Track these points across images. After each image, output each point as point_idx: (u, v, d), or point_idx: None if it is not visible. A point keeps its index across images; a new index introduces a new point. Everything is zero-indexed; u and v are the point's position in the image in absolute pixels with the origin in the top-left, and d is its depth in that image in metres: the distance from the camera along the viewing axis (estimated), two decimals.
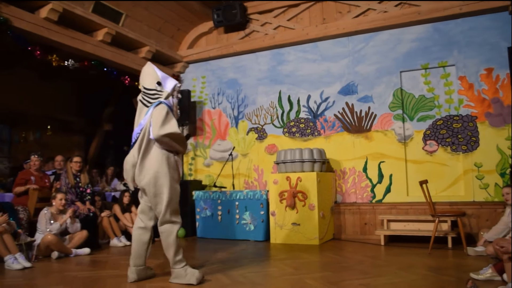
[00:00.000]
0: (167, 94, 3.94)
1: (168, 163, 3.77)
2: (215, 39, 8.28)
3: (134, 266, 3.92)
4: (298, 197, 6.18)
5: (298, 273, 4.18)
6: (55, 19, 5.84)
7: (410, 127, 6.60)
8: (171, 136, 3.71)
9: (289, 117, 7.48)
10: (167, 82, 4.02)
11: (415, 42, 6.64)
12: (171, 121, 3.75)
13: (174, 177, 3.82)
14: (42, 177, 6.14)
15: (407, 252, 5.31)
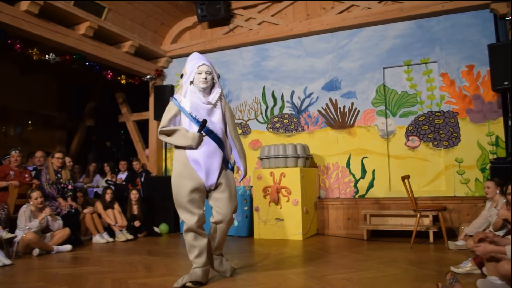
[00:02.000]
0: (188, 82, 3.65)
1: (178, 159, 3.67)
2: (199, 34, 8.22)
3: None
4: (281, 192, 6.20)
5: (281, 268, 4.19)
6: (36, 12, 5.74)
7: (393, 123, 6.67)
8: (162, 133, 3.64)
9: (273, 113, 7.48)
10: (187, 68, 3.71)
11: (398, 38, 6.69)
12: (163, 118, 3.67)
13: (182, 173, 3.58)
14: (21, 172, 6.03)
15: (389, 246, 5.37)
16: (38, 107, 9.44)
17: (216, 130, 3.60)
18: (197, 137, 3.51)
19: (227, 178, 3.67)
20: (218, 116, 3.67)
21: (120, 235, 6.41)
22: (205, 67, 3.59)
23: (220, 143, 3.62)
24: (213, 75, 3.65)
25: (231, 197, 3.66)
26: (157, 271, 4.16)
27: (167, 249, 5.73)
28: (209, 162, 3.56)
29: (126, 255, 5.22)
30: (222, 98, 3.75)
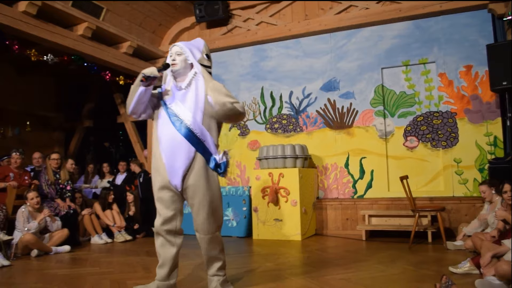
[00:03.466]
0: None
1: (153, 147, 3.35)
2: (197, 35, 8.20)
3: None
4: (280, 193, 6.20)
5: (279, 269, 4.19)
6: (34, 12, 5.72)
7: (391, 123, 6.67)
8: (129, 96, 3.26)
9: (272, 113, 7.48)
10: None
11: (396, 39, 6.70)
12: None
13: (154, 165, 3.20)
14: (21, 174, 6.03)
15: (388, 247, 5.37)
16: (36, 108, 9.43)
17: (185, 118, 3.04)
18: (149, 72, 3.01)
19: (199, 181, 3.05)
20: (192, 102, 3.09)
21: (118, 236, 6.41)
22: (175, 48, 3.19)
23: (190, 135, 3.02)
24: (186, 56, 3.16)
25: (201, 206, 3.08)
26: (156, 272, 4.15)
27: None
28: (172, 157, 3.03)
29: (125, 255, 5.21)
30: (199, 79, 3.15)
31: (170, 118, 3.08)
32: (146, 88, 3.06)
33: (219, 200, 3.21)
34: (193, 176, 3.04)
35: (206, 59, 3.25)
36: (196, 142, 3.04)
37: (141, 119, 3.30)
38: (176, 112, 3.08)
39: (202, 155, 3.06)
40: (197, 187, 3.06)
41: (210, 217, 3.11)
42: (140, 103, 3.13)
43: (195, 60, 3.18)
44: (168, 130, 3.06)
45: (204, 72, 3.17)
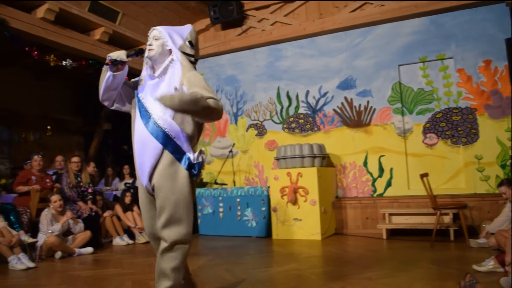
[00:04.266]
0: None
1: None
2: (212, 36, 8.25)
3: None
4: (299, 192, 6.19)
5: (300, 268, 4.19)
6: (52, 19, 5.83)
7: (410, 120, 6.61)
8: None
9: (288, 113, 7.47)
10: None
11: (412, 35, 6.63)
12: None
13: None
14: (43, 177, 6.14)
15: (409, 245, 5.32)
16: (55, 112, 9.58)
17: (154, 112, 2.71)
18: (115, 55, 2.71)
19: (163, 181, 2.68)
20: (166, 92, 2.70)
21: (140, 237, 6.47)
22: (153, 32, 2.83)
23: (157, 131, 2.68)
24: (164, 41, 2.78)
25: (161, 209, 2.67)
26: None
27: None
28: (141, 155, 2.74)
29: (146, 256, 5.26)
30: (176, 67, 2.76)
31: (140, 112, 2.77)
32: (113, 73, 2.71)
33: (187, 207, 2.71)
34: (156, 175, 2.70)
35: (188, 46, 2.85)
36: (163, 139, 2.67)
37: (115, 109, 2.95)
38: (145, 104, 2.76)
39: (171, 153, 2.69)
40: (160, 188, 2.68)
41: (170, 223, 2.66)
42: (110, 90, 2.80)
43: (175, 46, 2.79)
44: (138, 125, 2.77)
45: (184, 60, 2.78)
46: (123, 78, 2.81)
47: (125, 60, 2.70)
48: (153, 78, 2.80)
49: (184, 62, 2.78)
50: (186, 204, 2.70)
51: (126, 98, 2.93)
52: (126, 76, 2.83)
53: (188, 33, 2.89)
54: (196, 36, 2.93)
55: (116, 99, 2.89)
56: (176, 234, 2.67)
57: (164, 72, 2.78)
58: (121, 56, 2.69)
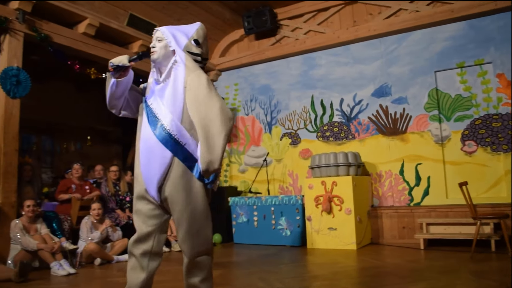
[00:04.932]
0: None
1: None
2: (247, 46, 8.36)
3: None
4: (334, 201, 6.15)
5: (336, 278, 4.15)
6: (92, 33, 6.07)
7: (447, 127, 6.46)
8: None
9: (323, 121, 7.45)
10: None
11: (449, 40, 6.51)
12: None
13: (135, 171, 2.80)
14: (82, 185, 6.36)
15: (448, 256, 5.18)
16: (95, 123, 9.90)
17: (163, 118, 2.55)
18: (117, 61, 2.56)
19: (176, 192, 2.51)
20: (170, 98, 2.56)
21: (175, 245, 6.57)
22: (156, 33, 2.69)
23: (166, 138, 2.51)
24: (167, 42, 2.63)
25: (179, 222, 2.52)
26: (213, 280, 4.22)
27: (221, 258, 5.81)
28: (147, 163, 2.57)
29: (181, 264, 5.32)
30: (179, 69, 2.59)
31: (148, 118, 2.61)
32: (117, 80, 2.58)
33: (204, 217, 2.58)
34: (169, 186, 2.52)
35: (194, 46, 2.67)
36: (173, 146, 2.50)
37: (123, 116, 2.84)
38: (154, 110, 2.60)
39: (182, 161, 2.51)
40: (174, 200, 2.52)
41: (190, 237, 2.53)
42: (115, 97, 2.68)
43: (178, 46, 2.62)
44: (145, 131, 2.61)
45: (188, 60, 2.60)
46: (128, 83, 2.68)
47: (127, 65, 2.56)
48: (158, 82, 2.66)
49: (188, 63, 2.59)
50: (203, 216, 2.56)
51: (134, 105, 2.80)
52: (131, 81, 2.70)
53: (194, 31, 2.72)
54: (204, 34, 2.76)
55: (123, 106, 2.77)
56: (199, 247, 2.55)
57: (168, 75, 2.62)
58: (123, 61, 2.55)
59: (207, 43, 2.78)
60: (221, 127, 2.41)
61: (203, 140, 2.40)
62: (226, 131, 2.42)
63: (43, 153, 9.49)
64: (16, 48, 5.26)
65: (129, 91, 2.73)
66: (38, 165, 9.12)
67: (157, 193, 2.54)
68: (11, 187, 5.08)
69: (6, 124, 5.08)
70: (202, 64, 2.70)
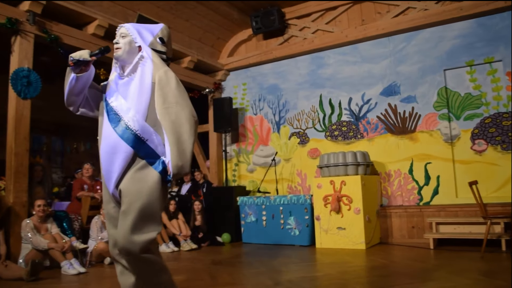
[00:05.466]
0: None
1: None
2: (255, 46, 8.37)
3: None
4: (342, 201, 6.14)
5: (345, 278, 4.15)
6: (102, 34, 6.10)
7: (457, 126, 6.42)
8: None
9: (331, 121, 7.44)
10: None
11: (458, 39, 6.46)
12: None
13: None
14: (93, 185, 6.40)
15: (458, 255, 5.15)
16: None
17: (124, 114, 2.48)
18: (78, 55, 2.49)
19: (132, 183, 2.41)
20: (135, 93, 2.50)
21: (184, 245, 6.61)
22: (120, 29, 2.62)
23: (128, 134, 2.45)
24: (132, 38, 2.58)
25: (128, 211, 2.36)
26: (222, 280, 4.25)
27: (230, 258, 5.83)
28: (109, 162, 2.49)
29: (191, 263, 5.37)
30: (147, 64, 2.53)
31: (108, 116, 2.54)
32: (77, 75, 2.49)
33: (153, 216, 2.41)
34: (126, 179, 2.44)
35: (159, 43, 2.65)
36: (134, 143, 2.44)
37: (81, 114, 2.74)
38: (115, 108, 2.52)
39: (143, 158, 2.45)
40: (127, 192, 2.40)
41: (135, 229, 2.34)
42: (74, 93, 2.58)
43: (144, 42, 2.58)
44: (105, 130, 2.53)
45: (155, 57, 2.56)
46: (89, 80, 2.59)
47: (88, 60, 2.48)
48: (122, 77, 2.59)
49: (155, 59, 2.56)
50: (153, 215, 2.40)
51: (94, 103, 2.69)
52: (92, 78, 2.62)
53: (159, 30, 2.69)
54: (168, 34, 2.73)
55: (82, 103, 2.67)
56: (137, 244, 2.34)
57: (134, 70, 2.56)
58: (83, 56, 2.48)
59: (171, 44, 2.77)
60: (190, 132, 2.42)
61: (174, 145, 2.38)
62: (195, 136, 2.47)
63: (53, 154, 9.58)
64: (27, 49, 5.31)
65: (89, 89, 2.65)
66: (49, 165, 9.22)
67: (114, 189, 2.47)
68: (22, 187, 5.13)
69: (17, 125, 5.14)
70: (167, 63, 2.66)
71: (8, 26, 5.02)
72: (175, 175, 2.41)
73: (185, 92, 2.51)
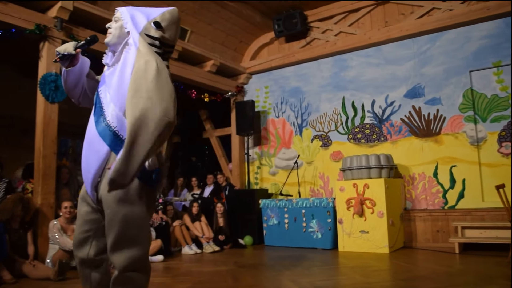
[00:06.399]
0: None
1: None
2: (277, 49, 8.39)
3: None
4: (365, 204, 6.08)
5: (368, 282, 4.11)
6: None
7: (483, 128, 6.29)
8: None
9: (354, 123, 7.39)
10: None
11: (484, 39, 6.34)
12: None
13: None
14: None
15: (484, 260, 5.05)
16: None
17: (106, 108, 2.28)
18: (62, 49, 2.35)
19: (113, 193, 2.16)
20: (116, 84, 2.28)
21: (207, 247, 6.65)
22: (116, 13, 2.42)
23: (105, 130, 2.25)
24: (123, 23, 2.34)
25: (109, 226, 2.18)
26: (245, 282, 4.27)
27: (252, 260, 5.85)
28: (86, 157, 2.32)
29: (214, 266, 5.41)
30: (130, 53, 2.29)
31: (95, 108, 2.37)
32: (67, 69, 2.37)
33: (140, 225, 2.21)
34: (103, 184, 2.21)
35: (154, 28, 2.33)
36: (111, 140, 2.21)
37: (84, 106, 2.61)
38: (102, 99, 2.33)
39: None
40: (107, 203, 2.19)
41: (120, 245, 2.16)
42: (68, 87, 2.46)
43: (134, 28, 2.31)
44: (89, 123, 2.37)
45: (142, 44, 2.26)
46: (82, 72, 2.44)
47: (73, 53, 2.33)
48: (109, 67, 2.40)
49: (141, 46, 2.24)
50: (138, 222, 2.20)
51: (92, 95, 2.52)
52: (86, 69, 2.47)
53: (159, 13, 2.37)
54: (171, 18, 2.39)
55: (81, 96, 2.53)
56: (127, 258, 2.15)
57: (118, 59, 2.34)
58: (68, 49, 2.33)
59: (175, 30, 2.42)
60: (152, 135, 2.04)
61: (126, 146, 2.03)
62: (158, 140, 2.08)
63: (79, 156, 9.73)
64: (55, 55, 5.44)
65: (88, 80, 2.50)
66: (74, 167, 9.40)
67: (92, 192, 2.28)
68: (49, 188, 5.26)
69: (45, 128, 5.28)
70: (161, 51, 2.34)
71: (36, 32, 5.17)
72: (112, 181, 2.07)
73: (165, 88, 2.13)
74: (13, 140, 7.22)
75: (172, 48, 2.45)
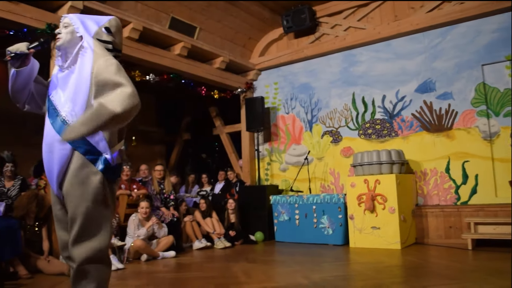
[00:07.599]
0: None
1: None
2: (286, 45, 8.36)
3: None
4: (377, 200, 6.06)
5: (380, 277, 4.10)
6: (136, 37, 6.24)
7: (496, 123, 6.22)
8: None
9: (364, 119, 7.35)
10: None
11: (496, 32, 6.26)
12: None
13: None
14: (130, 184, 6.55)
15: (497, 257, 5.00)
16: (140, 124, 10.17)
17: (62, 108, 2.34)
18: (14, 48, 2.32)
19: (72, 186, 2.27)
20: (73, 85, 2.34)
21: (218, 243, 6.68)
22: (64, 19, 2.48)
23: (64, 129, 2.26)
24: (74, 28, 2.42)
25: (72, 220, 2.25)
26: (256, 278, 4.28)
27: (263, 256, 5.86)
28: (48, 159, 2.36)
29: (225, 261, 5.43)
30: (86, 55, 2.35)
31: (48, 111, 2.40)
32: (17, 70, 2.34)
33: (101, 217, 2.29)
34: (67, 181, 2.29)
35: (105, 33, 2.47)
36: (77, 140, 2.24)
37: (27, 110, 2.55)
38: (54, 102, 2.39)
39: (84, 155, 2.28)
40: (69, 196, 2.28)
41: (81, 238, 2.23)
42: (15, 89, 2.42)
43: (87, 32, 2.41)
44: (46, 126, 2.39)
45: (97, 46, 2.37)
46: (32, 74, 2.43)
47: (26, 53, 2.32)
48: (63, 70, 2.44)
49: (97, 48, 2.35)
50: (100, 216, 2.27)
51: (40, 99, 2.52)
52: (36, 72, 2.46)
53: (107, 20, 2.53)
54: (116, 25, 2.55)
55: (27, 100, 2.50)
56: (87, 250, 2.22)
57: (74, 61, 2.39)
58: (21, 49, 2.31)
59: (120, 36, 2.59)
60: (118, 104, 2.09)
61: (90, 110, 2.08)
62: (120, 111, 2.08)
63: None
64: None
65: (35, 84, 2.49)
66: None
67: (58, 190, 2.35)
68: None
69: None
70: (113, 54, 2.44)
71: (48, 31, 5.20)
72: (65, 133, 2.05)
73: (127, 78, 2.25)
74: (26, 138, 7.30)
75: (120, 53, 2.57)
